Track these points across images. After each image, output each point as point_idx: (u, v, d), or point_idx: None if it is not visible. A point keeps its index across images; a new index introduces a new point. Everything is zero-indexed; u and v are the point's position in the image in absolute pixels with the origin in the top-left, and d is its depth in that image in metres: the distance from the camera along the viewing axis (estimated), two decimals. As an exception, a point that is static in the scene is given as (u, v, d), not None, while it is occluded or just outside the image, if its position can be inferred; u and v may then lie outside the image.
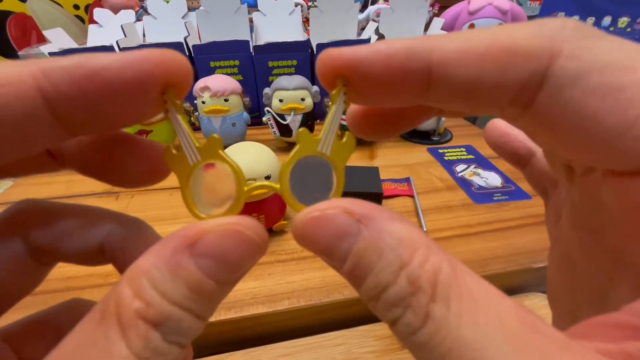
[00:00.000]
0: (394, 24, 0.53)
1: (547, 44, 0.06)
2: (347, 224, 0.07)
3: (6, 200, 0.34)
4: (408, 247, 0.06)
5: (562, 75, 0.06)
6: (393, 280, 0.06)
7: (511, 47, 0.07)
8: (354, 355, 0.21)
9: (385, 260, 0.06)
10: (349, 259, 0.07)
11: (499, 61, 0.07)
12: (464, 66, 0.07)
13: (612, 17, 0.51)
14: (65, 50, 0.42)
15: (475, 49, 0.07)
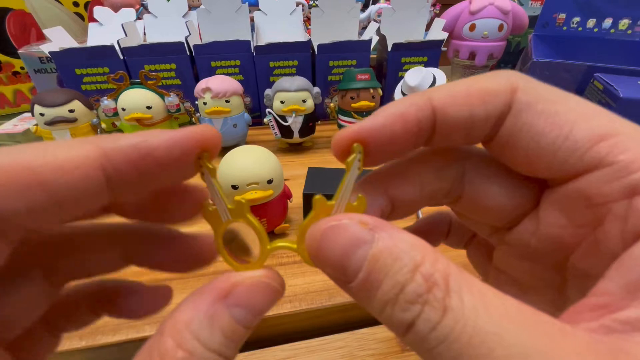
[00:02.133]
0: (395, 25, 0.53)
1: (508, 85, 0.09)
2: (363, 232, 0.08)
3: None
4: (420, 250, 0.07)
5: (519, 103, 0.09)
6: (410, 278, 0.07)
7: (487, 88, 0.09)
8: (355, 357, 0.21)
9: (401, 262, 0.07)
10: (365, 264, 0.07)
11: (480, 98, 0.09)
12: (458, 105, 0.09)
13: (613, 19, 0.51)
14: (66, 49, 0.42)
15: (462, 92, 0.09)
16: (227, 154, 0.25)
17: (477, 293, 0.07)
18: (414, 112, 0.09)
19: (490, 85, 0.09)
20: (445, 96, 0.09)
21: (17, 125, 0.63)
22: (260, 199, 0.24)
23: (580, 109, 0.08)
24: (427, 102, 0.09)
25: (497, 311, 0.06)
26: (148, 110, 0.36)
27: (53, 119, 0.35)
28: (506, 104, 0.09)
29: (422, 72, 0.40)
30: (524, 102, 0.08)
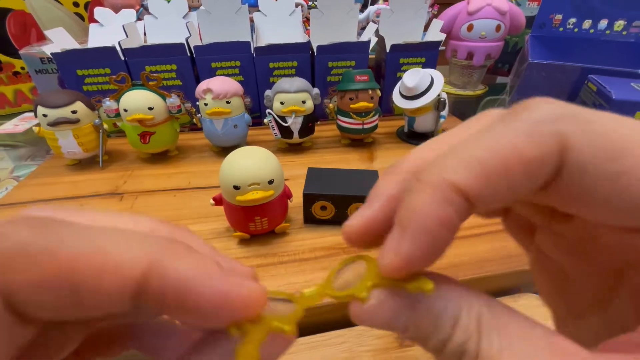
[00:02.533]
0: (394, 26, 0.53)
1: (557, 144, 0.07)
2: (399, 301, 0.08)
3: (11, 201, 0.34)
4: (456, 304, 0.08)
5: (572, 167, 0.07)
6: (452, 334, 0.07)
7: (529, 156, 0.07)
8: (354, 353, 0.22)
9: (442, 321, 0.08)
10: (410, 329, 0.08)
11: (521, 173, 0.07)
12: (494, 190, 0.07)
13: (608, 20, 0.52)
14: (67, 50, 0.42)
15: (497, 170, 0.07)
16: (228, 155, 0.26)
17: (506, 331, 0.07)
18: (449, 214, 0.07)
19: (533, 153, 0.07)
20: (477, 179, 0.07)
21: (17, 125, 0.64)
22: (262, 199, 0.25)
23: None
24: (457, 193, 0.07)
25: (524, 347, 0.07)
26: (150, 111, 0.37)
27: (56, 119, 0.35)
28: (554, 169, 0.07)
29: (419, 74, 0.40)
30: (579, 164, 0.07)
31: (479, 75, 0.77)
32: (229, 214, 0.27)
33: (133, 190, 0.35)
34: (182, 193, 0.35)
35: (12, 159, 0.60)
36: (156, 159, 0.41)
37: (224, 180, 0.25)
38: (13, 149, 0.62)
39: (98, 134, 0.39)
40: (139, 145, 0.39)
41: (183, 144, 0.45)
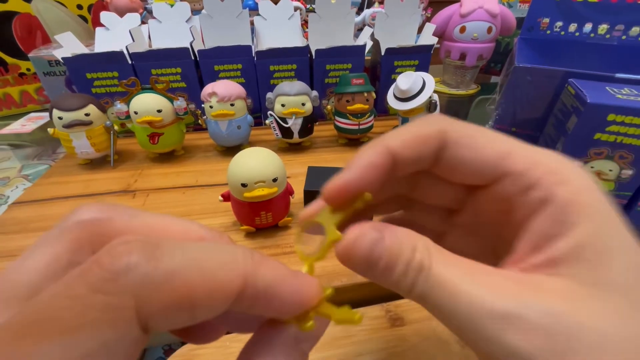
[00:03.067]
0: (389, 29, 0.56)
1: (442, 129, 0.12)
2: (375, 234, 0.11)
3: (30, 198, 0.37)
4: (412, 236, 0.11)
5: (450, 141, 0.12)
6: (412, 256, 0.10)
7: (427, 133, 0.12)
8: (351, 332, 0.25)
9: (406, 246, 0.10)
10: (383, 257, 0.10)
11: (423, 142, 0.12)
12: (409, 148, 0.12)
13: (592, 24, 0.55)
14: (77, 55, 0.44)
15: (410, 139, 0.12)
16: (236, 156, 0.28)
17: (445, 256, 0.10)
18: (380, 160, 0.12)
19: (429, 132, 0.12)
20: (399, 143, 0.12)
21: (25, 125, 0.66)
22: (267, 195, 0.28)
23: (487, 138, 0.12)
24: (386, 150, 0.12)
25: (459, 264, 0.10)
26: (158, 114, 0.39)
27: (71, 122, 0.37)
28: (442, 142, 0.12)
29: (412, 77, 0.43)
30: (453, 140, 0.12)
31: (472, 75, 0.80)
32: (236, 209, 0.30)
33: (144, 188, 0.38)
34: (191, 190, 0.37)
35: (19, 159, 0.62)
36: (164, 159, 0.44)
37: (232, 179, 0.27)
38: (20, 149, 0.64)
39: (109, 135, 0.41)
40: (148, 145, 0.41)
41: (189, 144, 0.47)
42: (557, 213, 0.10)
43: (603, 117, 0.33)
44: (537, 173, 0.11)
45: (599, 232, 0.10)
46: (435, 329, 0.24)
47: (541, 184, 0.11)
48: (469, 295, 0.09)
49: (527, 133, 0.51)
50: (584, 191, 0.10)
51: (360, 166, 0.12)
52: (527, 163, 0.11)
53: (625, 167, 0.35)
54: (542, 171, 0.11)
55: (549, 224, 0.10)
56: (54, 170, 0.42)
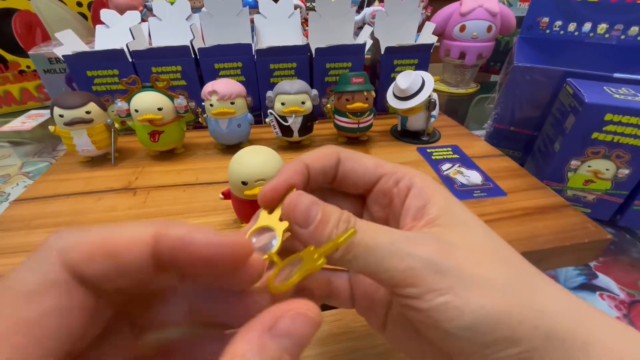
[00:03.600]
0: (389, 27, 0.56)
1: (336, 152, 0.17)
2: (314, 199, 0.14)
3: (33, 195, 0.37)
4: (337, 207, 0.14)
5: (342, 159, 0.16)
6: (341, 212, 0.13)
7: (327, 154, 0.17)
8: (350, 329, 0.25)
9: (335, 208, 0.14)
10: (319, 212, 0.13)
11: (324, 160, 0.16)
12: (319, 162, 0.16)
13: (592, 23, 0.55)
14: (78, 53, 0.44)
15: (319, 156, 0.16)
16: (236, 154, 0.28)
17: (365, 225, 0.13)
18: (299, 167, 0.15)
19: (329, 151, 0.16)
20: (311, 159, 0.16)
21: (25, 122, 0.66)
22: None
23: (365, 156, 0.17)
24: (303, 162, 0.16)
25: (372, 225, 0.13)
26: (159, 112, 0.39)
27: (72, 120, 0.37)
28: (338, 158, 0.16)
29: (411, 76, 0.43)
30: (343, 158, 0.16)
31: (472, 73, 0.80)
32: (237, 207, 0.30)
33: (145, 186, 0.38)
34: (191, 188, 0.37)
35: (19, 156, 0.62)
36: (164, 156, 0.44)
37: (232, 177, 0.28)
38: (20, 146, 0.64)
39: (110, 133, 0.41)
40: (149, 143, 0.41)
41: (189, 142, 0.47)
42: (419, 193, 0.15)
43: (601, 116, 0.33)
44: (400, 173, 0.16)
45: (447, 202, 0.15)
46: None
47: (404, 177, 0.16)
48: (388, 232, 0.13)
49: (526, 132, 0.51)
50: (428, 180, 0.16)
51: (286, 172, 0.15)
52: (392, 169, 0.16)
53: (622, 167, 0.35)
54: (402, 172, 0.16)
55: (417, 200, 0.15)
56: (55, 168, 0.42)
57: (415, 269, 0.12)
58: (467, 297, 0.12)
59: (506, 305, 0.12)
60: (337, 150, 0.16)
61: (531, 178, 0.40)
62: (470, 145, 0.47)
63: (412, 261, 0.12)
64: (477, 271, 0.12)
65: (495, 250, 0.13)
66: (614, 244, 0.39)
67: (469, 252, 0.13)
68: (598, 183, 0.38)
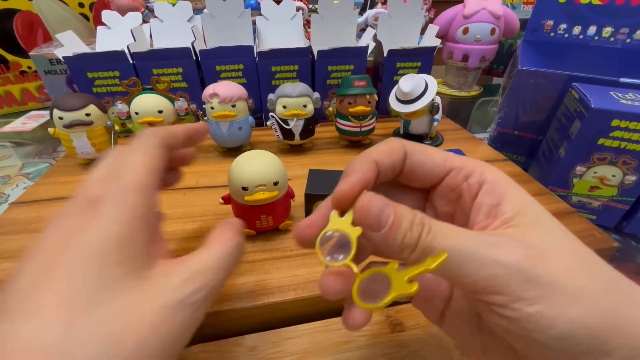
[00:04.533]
0: (391, 30, 0.55)
1: (403, 145, 0.16)
2: (385, 201, 0.13)
3: (31, 198, 0.37)
4: (412, 211, 0.13)
5: (409, 152, 0.16)
6: (414, 214, 0.13)
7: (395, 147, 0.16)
8: (351, 337, 0.24)
9: (407, 210, 0.13)
10: (392, 214, 0.13)
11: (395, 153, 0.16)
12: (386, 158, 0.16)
13: (597, 27, 0.54)
14: (79, 54, 0.44)
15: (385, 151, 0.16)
16: (237, 159, 0.28)
17: (440, 227, 0.13)
18: (369, 165, 0.15)
19: (396, 145, 0.16)
20: (379, 154, 0.15)
21: (25, 123, 0.66)
22: (267, 199, 0.27)
23: (432, 149, 0.16)
24: (372, 159, 0.15)
25: (449, 226, 0.13)
26: (159, 115, 0.39)
27: (71, 122, 0.37)
28: (405, 152, 0.16)
29: (414, 79, 0.43)
30: (410, 151, 0.16)
31: (474, 76, 0.79)
32: (236, 212, 0.30)
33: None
34: (191, 192, 0.37)
35: (20, 157, 0.62)
36: (164, 159, 0.44)
37: (233, 182, 0.27)
38: (20, 147, 0.64)
39: (110, 135, 0.41)
40: (149, 146, 0.41)
41: (189, 144, 0.47)
42: (492, 189, 0.14)
43: (607, 122, 0.32)
44: (469, 167, 0.15)
45: (523, 200, 0.14)
46: (435, 335, 0.24)
47: (475, 172, 0.15)
48: (468, 236, 0.13)
49: (530, 136, 0.51)
50: (499, 174, 0.15)
51: (357, 171, 0.15)
52: (461, 162, 0.16)
53: (628, 173, 0.35)
54: (472, 166, 0.15)
55: (490, 197, 0.14)
56: (54, 170, 0.42)
57: (501, 276, 0.12)
58: (560, 307, 0.11)
59: (601, 316, 0.11)
60: (402, 144, 0.16)
61: (535, 183, 0.39)
62: (473, 150, 0.46)
63: (497, 268, 0.12)
64: (569, 279, 0.12)
65: (581, 255, 0.13)
66: (620, 251, 0.38)
67: (557, 258, 0.12)
68: (604, 189, 0.37)
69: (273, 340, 0.24)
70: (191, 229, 0.31)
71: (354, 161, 0.15)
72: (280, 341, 0.24)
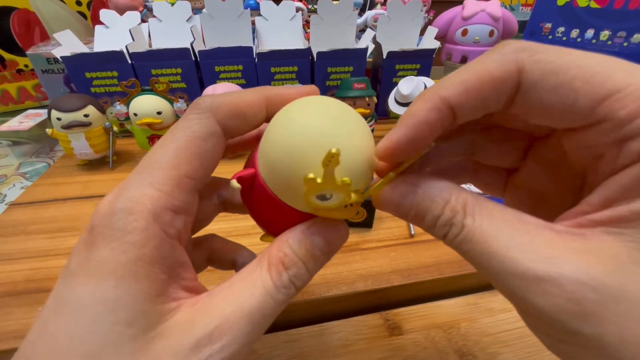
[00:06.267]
0: (391, 31, 0.55)
1: (515, 67, 0.10)
2: (406, 188, 0.12)
3: (29, 199, 0.36)
4: (447, 191, 0.11)
5: (526, 83, 0.10)
6: (442, 211, 0.11)
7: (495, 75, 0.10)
8: (349, 341, 0.25)
9: (435, 203, 0.11)
10: (413, 209, 0.11)
11: (491, 88, 0.10)
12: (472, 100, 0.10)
13: (594, 30, 0.55)
14: (77, 54, 0.44)
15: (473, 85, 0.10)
16: (284, 114, 0.13)
17: (485, 211, 0.10)
18: (435, 117, 0.10)
19: (498, 73, 0.10)
20: (459, 92, 0.10)
21: (22, 122, 0.65)
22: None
23: (583, 72, 0.09)
24: (442, 102, 0.10)
25: (497, 221, 0.10)
26: (158, 116, 0.39)
27: (69, 123, 0.37)
28: (514, 86, 0.10)
29: (414, 81, 0.43)
30: (530, 81, 0.10)
31: (473, 77, 0.79)
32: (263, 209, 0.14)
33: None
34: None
35: (17, 156, 0.61)
36: (163, 160, 0.44)
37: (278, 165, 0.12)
38: (17, 146, 0.64)
39: (108, 136, 0.41)
40: (148, 147, 0.41)
41: (188, 145, 0.47)
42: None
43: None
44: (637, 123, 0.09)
45: None
46: (433, 339, 0.24)
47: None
48: (502, 255, 0.09)
49: (527, 139, 0.51)
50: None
51: (412, 125, 0.11)
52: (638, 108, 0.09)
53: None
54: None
55: (635, 181, 0.09)
56: (52, 171, 0.42)
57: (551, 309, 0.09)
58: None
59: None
60: (516, 59, 0.10)
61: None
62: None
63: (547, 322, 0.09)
64: None
65: None
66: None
67: None
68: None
69: (271, 344, 0.24)
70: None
71: (415, 101, 0.11)
72: (279, 344, 0.24)
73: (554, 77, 0.09)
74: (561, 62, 0.09)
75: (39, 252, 0.29)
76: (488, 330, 0.25)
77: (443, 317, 0.26)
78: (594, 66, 0.09)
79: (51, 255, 0.29)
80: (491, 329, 0.25)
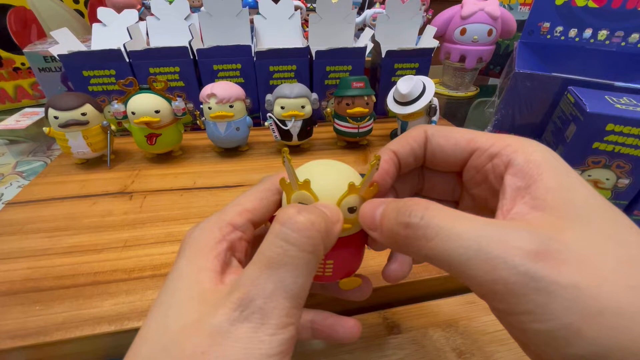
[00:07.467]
0: (390, 32, 0.55)
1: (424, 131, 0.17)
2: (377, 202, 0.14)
3: (26, 198, 0.36)
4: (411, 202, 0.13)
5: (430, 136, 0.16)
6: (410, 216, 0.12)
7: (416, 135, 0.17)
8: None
9: (403, 211, 0.13)
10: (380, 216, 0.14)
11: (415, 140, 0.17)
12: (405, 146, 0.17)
13: (592, 30, 0.55)
14: (74, 52, 0.43)
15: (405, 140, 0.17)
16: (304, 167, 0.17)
17: (441, 214, 0.12)
18: (388, 156, 0.16)
19: (414, 132, 0.17)
20: (397, 145, 0.16)
21: (19, 120, 0.65)
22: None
23: (455, 130, 0.16)
24: (391, 151, 0.16)
25: (450, 220, 0.11)
26: (156, 114, 0.38)
27: (67, 122, 0.37)
28: (424, 137, 0.16)
29: (412, 81, 0.43)
30: (430, 135, 0.16)
31: (471, 77, 0.79)
32: None
33: (141, 190, 0.37)
34: (189, 193, 0.37)
35: (14, 154, 0.61)
36: (161, 159, 0.43)
37: None
38: (14, 144, 0.63)
39: (106, 135, 0.41)
40: (146, 146, 0.41)
41: (186, 144, 0.47)
42: (521, 170, 0.12)
43: (602, 126, 0.33)
44: (496, 146, 0.14)
45: (562, 182, 0.12)
46: (431, 337, 0.25)
47: (502, 153, 0.14)
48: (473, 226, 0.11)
49: (525, 138, 0.51)
50: (536, 153, 0.13)
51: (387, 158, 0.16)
52: (488, 142, 0.14)
53: (622, 176, 0.35)
54: (500, 145, 0.14)
55: (517, 179, 0.12)
56: (49, 170, 0.42)
57: (508, 281, 0.10)
58: (582, 329, 0.09)
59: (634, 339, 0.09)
60: (424, 129, 0.16)
61: (531, 186, 0.40)
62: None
63: (504, 270, 0.10)
64: (600, 296, 0.09)
65: (630, 261, 0.10)
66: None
67: (588, 264, 0.09)
68: (597, 192, 0.38)
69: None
70: (189, 230, 0.31)
71: None
72: (278, 343, 0.24)
73: (442, 131, 0.16)
74: (444, 127, 0.16)
75: (36, 251, 0.29)
76: (486, 328, 0.25)
77: (441, 315, 0.26)
78: (462, 130, 0.16)
79: (48, 255, 0.29)
80: (489, 328, 0.25)
